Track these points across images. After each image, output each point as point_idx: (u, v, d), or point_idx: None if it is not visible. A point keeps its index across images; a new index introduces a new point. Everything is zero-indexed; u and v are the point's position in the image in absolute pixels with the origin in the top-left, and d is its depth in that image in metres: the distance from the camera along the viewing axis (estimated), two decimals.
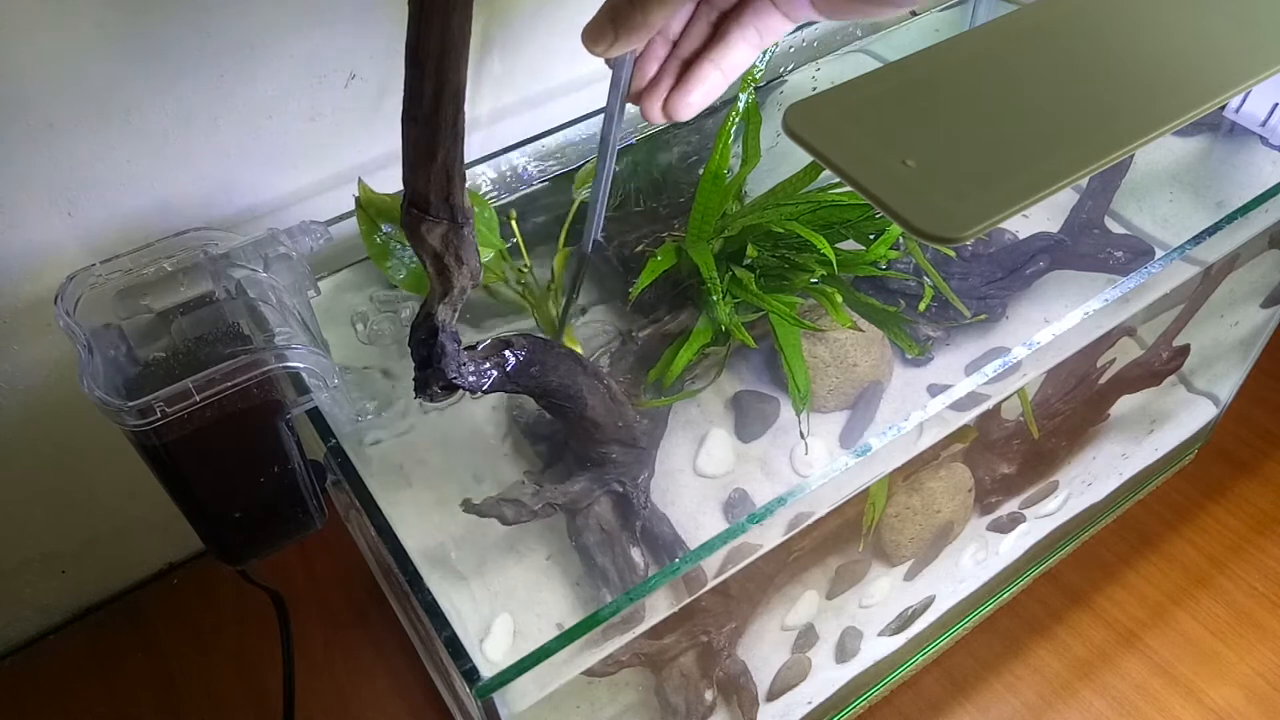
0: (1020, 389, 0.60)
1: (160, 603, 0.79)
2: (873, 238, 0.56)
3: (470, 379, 0.42)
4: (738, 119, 0.57)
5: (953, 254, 0.62)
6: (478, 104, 0.71)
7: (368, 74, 0.64)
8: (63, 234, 0.59)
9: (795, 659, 0.63)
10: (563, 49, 0.73)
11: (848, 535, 0.59)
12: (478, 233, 0.44)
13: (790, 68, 0.72)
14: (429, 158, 0.35)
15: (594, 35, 0.36)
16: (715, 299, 0.52)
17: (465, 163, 0.36)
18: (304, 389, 0.46)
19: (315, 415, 0.47)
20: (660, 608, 0.45)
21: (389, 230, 0.52)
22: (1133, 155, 0.51)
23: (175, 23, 0.55)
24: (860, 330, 0.57)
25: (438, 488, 0.53)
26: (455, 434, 0.56)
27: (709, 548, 0.42)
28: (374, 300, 0.58)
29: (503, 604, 0.49)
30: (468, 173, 0.45)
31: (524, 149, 0.62)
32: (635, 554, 0.49)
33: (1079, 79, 0.36)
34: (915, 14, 0.75)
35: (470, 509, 0.47)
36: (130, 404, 0.40)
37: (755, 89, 0.58)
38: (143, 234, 0.61)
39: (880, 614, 0.67)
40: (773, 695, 0.63)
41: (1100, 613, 0.78)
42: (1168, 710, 0.72)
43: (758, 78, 0.59)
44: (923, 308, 0.59)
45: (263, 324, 0.46)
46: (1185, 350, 0.73)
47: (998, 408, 0.61)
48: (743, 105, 0.57)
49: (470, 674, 0.38)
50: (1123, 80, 0.36)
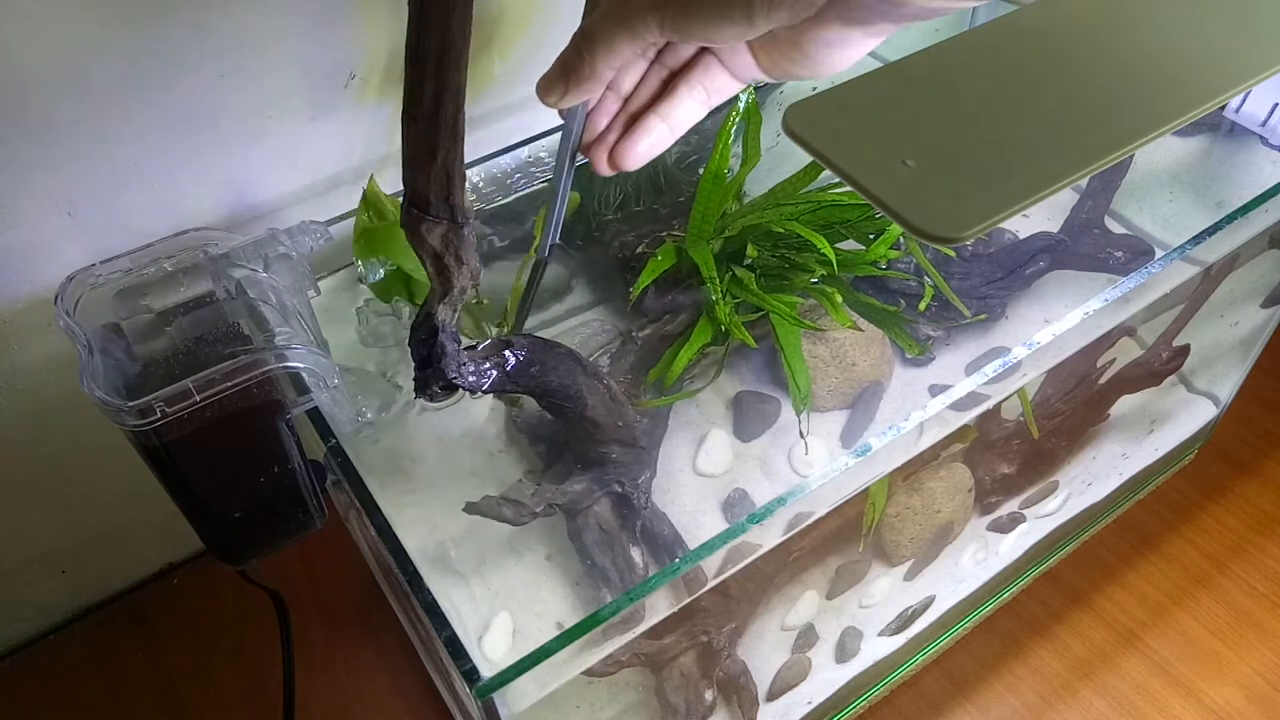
0: (1020, 389, 0.60)
1: (160, 603, 0.79)
2: (873, 238, 0.56)
3: (470, 379, 0.42)
4: (738, 119, 0.57)
5: (953, 254, 0.62)
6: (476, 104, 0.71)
7: (368, 74, 0.64)
8: (63, 234, 0.59)
9: (795, 659, 0.63)
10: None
11: (848, 535, 0.59)
12: None
13: None
14: (429, 157, 0.35)
15: (547, 87, 0.37)
16: (715, 299, 0.52)
17: (465, 163, 0.36)
18: (304, 389, 0.46)
19: (315, 415, 0.48)
20: (660, 608, 0.45)
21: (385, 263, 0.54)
22: (1133, 155, 0.51)
23: (175, 22, 0.55)
24: (860, 330, 0.57)
25: (437, 487, 0.53)
26: (455, 434, 0.56)
27: (709, 548, 0.42)
28: (374, 300, 0.58)
29: (502, 604, 0.49)
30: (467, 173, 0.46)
31: (514, 153, 0.62)
32: (635, 554, 0.49)
33: (1079, 79, 0.36)
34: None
35: (471, 509, 0.47)
36: (130, 404, 0.40)
37: (755, 89, 0.58)
38: (143, 234, 0.61)
39: (880, 614, 0.67)
40: (773, 695, 0.63)
41: (1100, 613, 0.78)
42: (1168, 710, 0.72)
43: None
44: (923, 307, 0.59)
45: (263, 324, 0.46)
46: (1185, 350, 0.73)
47: (998, 408, 0.61)
48: (743, 105, 0.57)
49: (470, 674, 0.38)
50: (1123, 80, 0.36)
